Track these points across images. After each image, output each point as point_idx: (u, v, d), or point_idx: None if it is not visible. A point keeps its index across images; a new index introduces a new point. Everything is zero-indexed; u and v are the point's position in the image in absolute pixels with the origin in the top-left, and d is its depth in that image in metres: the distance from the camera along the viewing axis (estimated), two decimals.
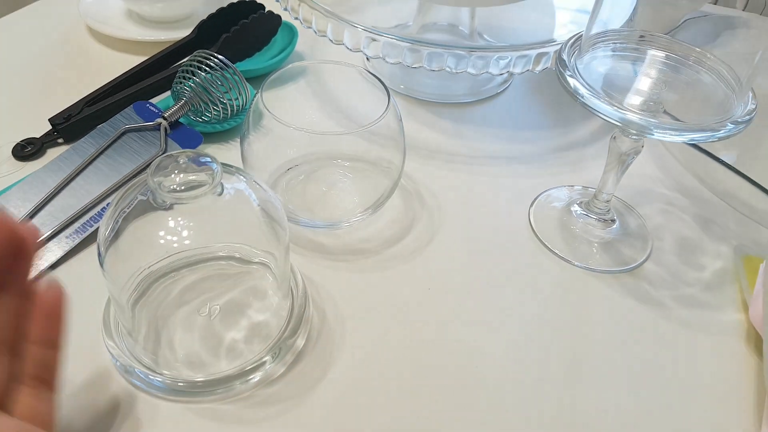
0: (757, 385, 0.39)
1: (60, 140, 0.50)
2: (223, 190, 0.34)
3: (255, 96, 0.43)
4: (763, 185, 0.45)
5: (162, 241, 0.34)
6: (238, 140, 0.52)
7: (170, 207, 0.33)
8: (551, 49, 0.46)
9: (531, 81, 0.63)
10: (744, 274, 0.45)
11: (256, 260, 0.40)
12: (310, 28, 0.50)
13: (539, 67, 0.46)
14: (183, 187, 0.32)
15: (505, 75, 0.61)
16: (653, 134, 0.36)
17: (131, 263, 0.35)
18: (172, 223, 0.34)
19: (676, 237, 0.48)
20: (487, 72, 0.46)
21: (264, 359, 0.36)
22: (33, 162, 0.49)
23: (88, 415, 0.35)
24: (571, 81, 0.37)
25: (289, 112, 0.52)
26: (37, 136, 0.50)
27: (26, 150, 0.49)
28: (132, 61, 0.56)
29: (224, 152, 0.51)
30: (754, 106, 0.37)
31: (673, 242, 0.48)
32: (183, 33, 0.58)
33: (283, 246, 0.37)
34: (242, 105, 0.51)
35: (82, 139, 0.48)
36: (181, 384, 0.35)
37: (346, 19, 0.47)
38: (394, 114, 0.43)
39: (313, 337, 0.39)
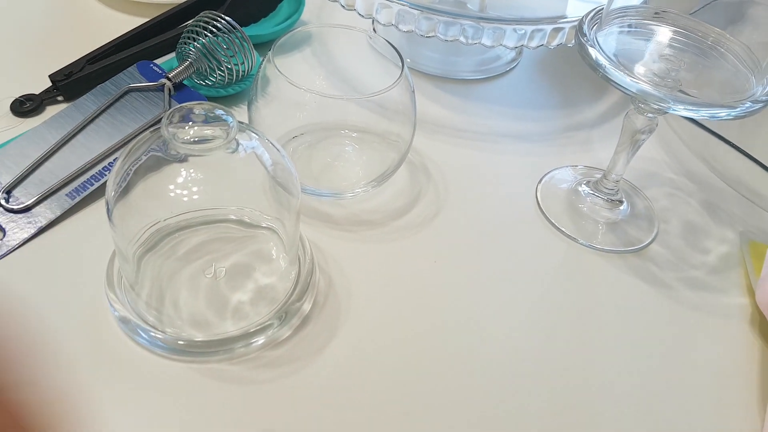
0: (761, 368, 0.39)
1: (60, 98, 0.49)
2: (237, 146, 0.33)
3: (262, 61, 0.42)
4: None
5: (172, 195, 0.33)
6: (243, 106, 0.51)
7: (183, 159, 0.32)
8: (567, 25, 0.45)
9: (538, 62, 0.62)
10: (750, 259, 0.45)
11: (264, 225, 0.39)
12: None
13: (555, 42, 0.46)
14: (197, 140, 0.31)
15: (513, 54, 0.60)
16: (670, 108, 0.36)
17: (140, 216, 0.34)
18: (183, 177, 0.33)
19: (682, 220, 0.48)
20: (501, 45, 0.46)
21: (270, 321, 0.36)
22: (31, 118, 0.47)
23: (88, 372, 0.34)
24: (592, 52, 0.37)
25: (300, 77, 0.51)
26: (37, 92, 0.49)
27: (25, 106, 0.48)
28: (136, 22, 0.55)
29: None
30: None
31: (680, 225, 0.48)
32: None
33: (294, 211, 0.36)
34: (247, 70, 0.50)
35: (84, 97, 0.47)
36: (182, 343, 0.34)
37: None
38: (406, 85, 0.42)
39: (319, 303, 0.39)
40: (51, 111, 0.48)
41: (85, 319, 0.36)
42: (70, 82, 0.48)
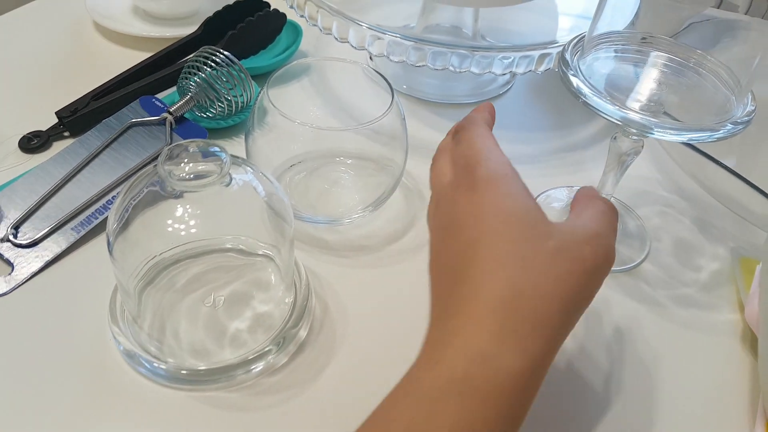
0: (751, 385, 0.40)
1: (66, 133, 0.51)
2: (231, 180, 0.34)
3: (260, 93, 0.43)
4: (760, 187, 0.46)
5: (170, 230, 0.34)
6: (242, 137, 0.53)
7: (179, 195, 0.33)
8: (554, 50, 0.47)
9: (532, 84, 0.64)
10: (741, 275, 0.45)
11: (261, 252, 0.40)
12: (315, 25, 0.50)
13: (542, 68, 0.47)
14: (192, 176, 0.33)
15: (507, 77, 0.62)
16: (653, 133, 0.37)
17: (139, 251, 0.36)
18: (180, 212, 0.34)
19: (673, 238, 0.49)
20: (490, 72, 0.47)
21: (267, 348, 0.37)
22: (39, 154, 0.49)
23: (92, 402, 0.35)
24: (574, 80, 0.38)
25: (292, 110, 0.52)
26: (44, 129, 0.51)
27: (32, 142, 0.49)
28: (138, 57, 0.57)
29: (228, 148, 0.51)
30: (753, 108, 0.37)
31: (671, 243, 0.48)
32: (189, 30, 0.59)
33: (288, 239, 0.37)
34: (247, 101, 0.52)
35: (89, 132, 0.48)
36: (185, 372, 0.36)
37: (351, 16, 0.47)
38: (397, 112, 0.44)
39: (315, 329, 0.40)
40: (58, 147, 0.50)
41: (89, 350, 0.37)
42: (75, 118, 0.50)
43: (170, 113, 0.49)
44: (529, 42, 0.47)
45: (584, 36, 0.41)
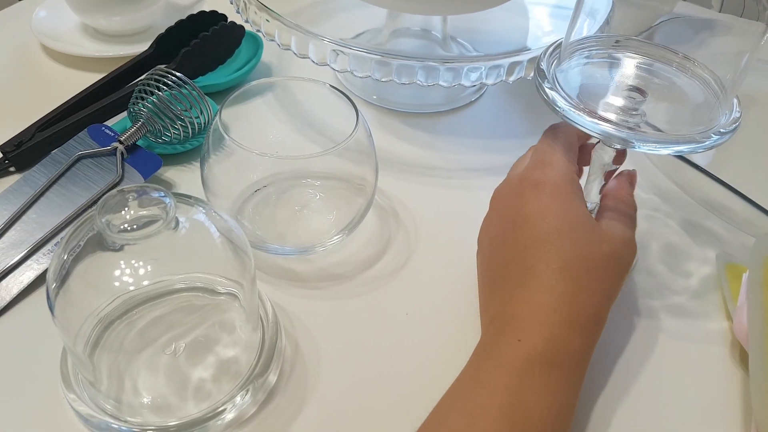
0: (743, 397, 0.38)
1: (12, 168, 0.47)
2: (178, 224, 0.31)
3: (218, 113, 0.40)
4: (739, 191, 0.44)
5: (116, 283, 0.31)
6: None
7: (121, 248, 0.30)
8: (525, 58, 0.44)
9: (507, 87, 0.61)
10: (727, 282, 0.43)
11: (223, 291, 0.37)
12: (273, 40, 0.47)
13: (512, 78, 0.44)
14: (134, 226, 0.30)
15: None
16: (635, 147, 0.34)
17: (83, 308, 0.33)
18: (125, 263, 0.31)
19: (662, 243, 0.46)
20: (459, 84, 0.44)
21: (234, 399, 0.34)
22: None
23: None
24: (550, 93, 0.35)
25: (255, 128, 0.49)
26: None
27: None
28: (89, 78, 0.53)
29: (187, 174, 0.49)
30: (738, 115, 0.35)
31: (660, 249, 0.46)
32: (143, 47, 0.55)
33: (249, 275, 0.35)
34: (205, 122, 0.49)
35: (34, 168, 0.45)
36: (151, 430, 0.33)
37: (310, 31, 0.44)
38: (363, 131, 0.41)
39: (286, 372, 0.37)
40: (4, 184, 0.46)
41: (43, 415, 0.34)
42: (20, 152, 0.47)
43: (121, 142, 0.45)
44: (503, 41, 0.44)
45: (561, 42, 0.39)
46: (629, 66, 0.39)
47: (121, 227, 0.29)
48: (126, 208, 0.30)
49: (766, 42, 0.34)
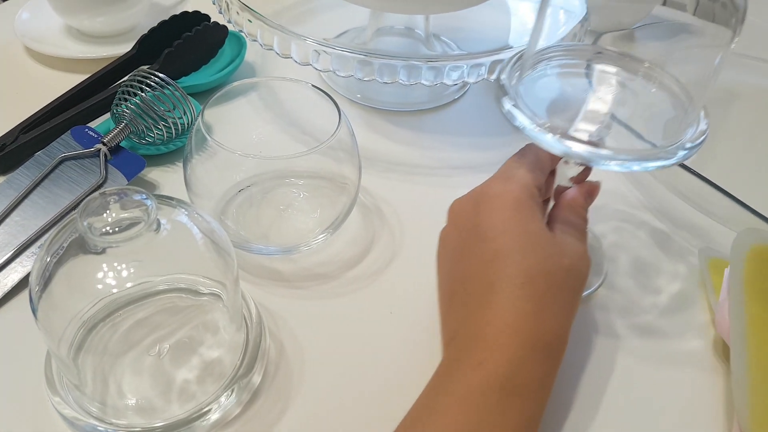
0: (726, 392, 0.38)
1: None
2: (159, 226, 0.31)
3: (201, 112, 0.40)
4: (722, 187, 0.44)
5: (99, 286, 0.31)
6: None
7: (103, 251, 0.30)
8: (506, 56, 0.44)
9: (490, 84, 0.61)
10: (709, 277, 0.44)
11: (206, 291, 0.37)
12: (255, 41, 0.47)
13: (494, 76, 0.44)
14: (116, 228, 0.30)
15: None
16: (599, 166, 0.33)
17: (66, 311, 0.33)
18: (107, 266, 0.31)
19: (631, 257, 0.45)
20: (441, 83, 0.44)
21: (218, 400, 0.34)
22: None
23: None
24: (507, 107, 0.34)
25: (239, 128, 0.50)
26: None
27: None
28: (73, 80, 0.53)
29: (170, 175, 0.49)
30: (705, 127, 0.34)
31: (629, 263, 0.45)
32: (126, 48, 0.55)
33: (233, 275, 0.35)
34: (188, 123, 0.49)
35: (17, 170, 0.45)
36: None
37: (292, 31, 0.45)
38: (346, 130, 0.41)
39: (270, 372, 0.37)
40: None
41: (29, 418, 0.34)
42: (4, 155, 0.47)
43: (104, 144, 0.45)
44: (485, 39, 0.45)
45: (523, 52, 0.37)
46: (595, 77, 0.38)
47: (103, 230, 0.29)
48: (107, 211, 0.30)
49: (735, 48, 0.33)
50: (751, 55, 0.64)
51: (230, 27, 0.52)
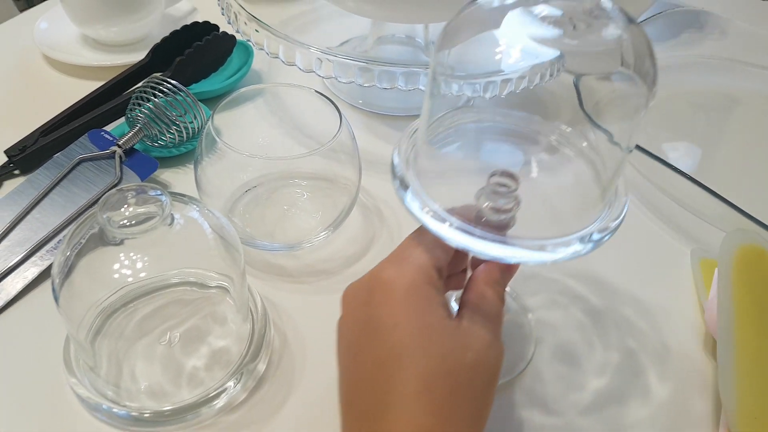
0: (714, 389, 0.39)
1: (17, 171, 0.50)
2: (173, 220, 0.34)
3: (210, 118, 0.43)
4: (712, 189, 0.46)
5: (116, 276, 0.34)
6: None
7: (121, 242, 0.33)
8: (498, 79, 0.45)
9: None
10: (701, 276, 0.45)
11: (214, 284, 0.40)
12: (262, 49, 0.50)
13: (505, 92, 0.46)
14: (133, 222, 0.32)
15: None
16: (505, 261, 0.30)
17: (86, 299, 0.35)
18: (124, 257, 0.34)
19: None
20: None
21: (225, 386, 0.37)
22: None
23: None
24: (400, 195, 0.31)
25: (246, 131, 0.52)
26: None
27: None
28: (89, 86, 0.56)
29: (181, 176, 0.51)
30: (626, 201, 0.30)
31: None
32: (139, 56, 0.58)
33: (239, 269, 0.37)
34: (198, 127, 0.51)
35: (38, 171, 0.48)
36: (135, 415, 0.35)
37: (297, 40, 0.47)
38: (347, 133, 0.43)
39: (274, 361, 0.39)
40: (8, 186, 0.49)
41: (46, 398, 0.37)
42: (25, 156, 0.49)
43: (119, 146, 0.48)
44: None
45: (417, 130, 0.34)
46: (495, 146, 0.35)
47: (121, 223, 0.32)
48: (125, 206, 0.32)
49: (735, 55, 0.30)
50: (751, 62, 0.66)
51: (238, 36, 0.55)
